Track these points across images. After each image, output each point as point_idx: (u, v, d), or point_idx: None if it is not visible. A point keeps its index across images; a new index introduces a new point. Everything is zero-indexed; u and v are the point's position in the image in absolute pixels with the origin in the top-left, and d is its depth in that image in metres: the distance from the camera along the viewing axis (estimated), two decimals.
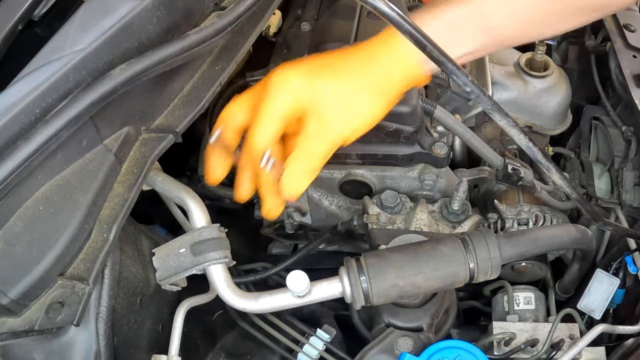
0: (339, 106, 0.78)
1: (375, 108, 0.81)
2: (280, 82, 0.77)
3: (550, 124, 1.44)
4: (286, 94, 0.77)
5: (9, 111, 0.62)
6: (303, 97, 0.77)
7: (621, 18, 1.38)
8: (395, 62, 0.79)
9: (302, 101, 0.77)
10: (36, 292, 0.69)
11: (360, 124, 0.81)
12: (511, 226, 1.22)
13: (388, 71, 0.79)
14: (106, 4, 0.73)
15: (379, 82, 0.80)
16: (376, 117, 0.82)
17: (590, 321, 1.11)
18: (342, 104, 0.78)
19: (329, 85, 0.77)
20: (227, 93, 1.21)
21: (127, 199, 0.77)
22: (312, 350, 1.05)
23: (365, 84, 0.79)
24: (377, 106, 0.81)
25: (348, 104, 0.78)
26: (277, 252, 1.49)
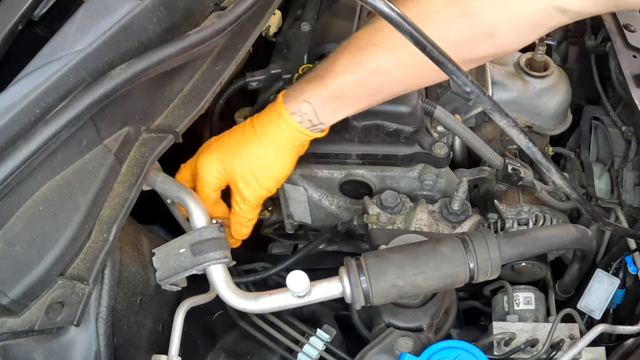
0: (251, 174, 0.97)
1: (282, 165, 0.98)
2: (203, 169, 0.98)
3: (550, 124, 1.44)
4: (209, 176, 0.98)
5: (9, 111, 0.62)
6: (223, 175, 0.98)
7: (621, 18, 1.38)
8: (287, 133, 0.95)
9: (223, 178, 0.98)
10: (36, 292, 0.69)
11: (274, 180, 0.99)
12: (511, 226, 1.22)
13: (282, 141, 0.96)
14: (106, 4, 0.73)
15: (278, 148, 0.96)
16: (286, 170, 1.00)
17: (590, 321, 1.11)
18: (253, 172, 0.97)
19: (239, 163, 0.96)
20: (227, 93, 1.21)
21: (127, 199, 0.77)
22: (312, 350, 1.05)
23: (265, 151, 0.96)
24: (284, 163, 0.98)
25: (258, 171, 0.97)
26: (277, 252, 1.49)
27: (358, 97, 0.93)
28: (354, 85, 0.91)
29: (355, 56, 0.89)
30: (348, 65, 0.90)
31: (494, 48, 0.89)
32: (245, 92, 1.22)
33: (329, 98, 0.92)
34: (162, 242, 0.93)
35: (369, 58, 0.89)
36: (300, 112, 0.93)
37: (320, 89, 0.92)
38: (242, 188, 0.98)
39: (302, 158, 1.15)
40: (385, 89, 0.94)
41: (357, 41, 0.91)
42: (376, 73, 0.90)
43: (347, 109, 0.95)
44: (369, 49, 0.89)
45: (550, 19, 0.84)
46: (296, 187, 1.23)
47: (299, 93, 0.93)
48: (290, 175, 1.20)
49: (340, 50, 0.92)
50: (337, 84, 0.91)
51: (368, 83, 0.91)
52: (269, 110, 0.97)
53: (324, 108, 0.93)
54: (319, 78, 0.92)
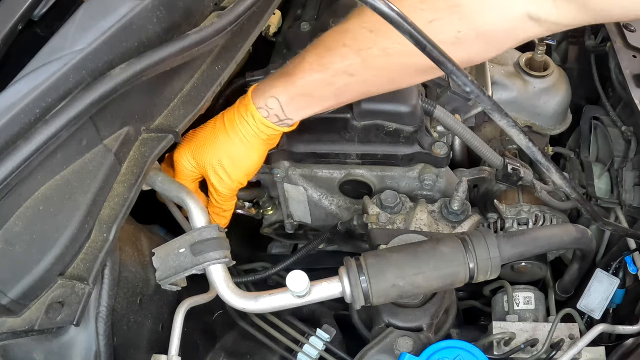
0: (221, 167, 0.99)
1: (251, 158, 1.01)
2: (177, 162, 1.01)
3: (550, 124, 1.44)
4: (184, 169, 1.01)
5: (9, 111, 0.62)
6: (195, 168, 1.01)
7: None
8: (254, 127, 0.97)
9: (196, 170, 1.01)
10: (36, 292, 0.69)
11: (244, 172, 1.02)
12: (511, 226, 1.22)
13: (250, 135, 0.98)
14: (106, 4, 0.73)
15: (246, 142, 0.98)
16: (255, 162, 1.02)
17: (590, 321, 1.11)
18: (222, 165, 0.99)
19: (209, 156, 0.99)
20: (227, 93, 1.21)
21: (127, 199, 0.77)
22: (312, 350, 1.05)
23: (234, 144, 0.98)
24: (252, 156, 1.01)
25: (227, 164, 0.99)
26: (277, 252, 1.49)
27: (325, 96, 0.95)
28: (321, 84, 0.92)
29: (325, 56, 0.90)
30: (316, 64, 0.91)
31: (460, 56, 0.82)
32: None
33: (296, 95, 0.93)
34: (162, 242, 0.93)
35: (337, 59, 0.90)
36: (267, 107, 0.95)
37: (289, 86, 0.93)
38: (213, 181, 1.01)
39: (302, 158, 1.15)
40: (352, 89, 0.95)
41: (327, 41, 0.91)
42: (343, 73, 0.90)
43: (315, 107, 0.97)
44: (337, 49, 0.89)
45: (524, 30, 0.82)
46: (296, 187, 1.23)
47: (267, 88, 0.95)
48: (290, 175, 1.20)
49: (310, 49, 0.93)
50: (304, 82, 0.92)
51: (335, 83, 0.92)
52: (238, 105, 0.99)
53: (291, 105, 0.94)
54: (287, 75, 0.94)
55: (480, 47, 0.87)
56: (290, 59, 1.18)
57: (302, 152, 1.15)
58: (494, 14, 0.81)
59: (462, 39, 0.84)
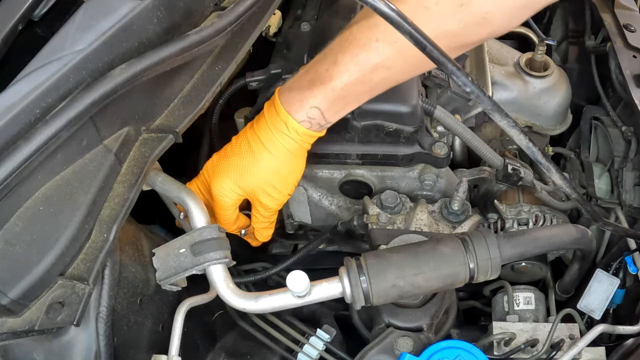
0: (272, 187, 0.99)
1: (299, 169, 1.01)
2: (222, 195, 0.99)
3: (550, 124, 1.44)
4: (229, 200, 0.99)
5: (9, 111, 0.62)
6: (242, 196, 1.00)
7: (621, 18, 1.38)
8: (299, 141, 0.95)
9: (240, 198, 1.00)
10: (36, 292, 0.69)
11: (294, 184, 1.02)
12: (511, 226, 1.22)
13: (295, 149, 0.96)
14: (106, 4, 0.73)
15: (293, 157, 0.97)
16: (302, 170, 1.02)
17: (590, 321, 1.11)
18: (273, 185, 0.99)
19: (258, 181, 0.97)
20: (227, 93, 1.21)
21: (127, 199, 0.77)
22: (312, 350, 1.05)
23: (280, 162, 0.96)
24: (300, 166, 1.01)
25: (278, 183, 0.99)
26: (277, 252, 1.49)
27: (362, 92, 0.94)
28: (359, 83, 0.91)
29: (359, 54, 0.89)
30: (352, 64, 0.89)
31: (487, 33, 0.89)
32: (245, 92, 1.22)
33: (335, 99, 0.92)
34: (162, 242, 0.93)
35: (373, 55, 0.88)
36: (309, 118, 0.93)
37: (328, 92, 0.91)
38: (264, 200, 1.00)
39: None
40: (387, 82, 0.94)
41: (357, 38, 0.89)
42: (380, 68, 0.89)
43: (352, 104, 0.96)
44: (371, 45, 0.88)
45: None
46: (296, 187, 1.23)
47: (305, 99, 0.92)
48: None
49: (338, 49, 0.91)
50: (342, 84, 0.90)
51: (373, 78, 0.91)
52: (273, 121, 0.95)
53: (330, 109, 0.93)
54: (322, 81, 0.91)
55: (504, 22, 0.88)
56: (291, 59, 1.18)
57: None
58: None
59: (489, 19, 0.85)
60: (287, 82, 0.97)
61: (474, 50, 1.37)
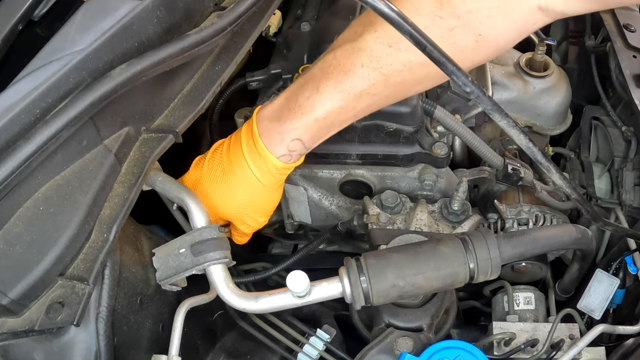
0: (247, 216, 0.98)
1: (275, 198, 1.00)
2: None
3: (550, 124, 1.44)
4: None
5: (9, 111, 0.62)
6: (217, 220, 0.98)
7: (621, 18, 1.38)
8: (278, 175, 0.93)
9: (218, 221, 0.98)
10: (36, 292, 0.69)
11: (271, 211, 1.01)
12: (511, 226, 1.22)
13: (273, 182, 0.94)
14: (106, 4, 0.73)
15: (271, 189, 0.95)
16: (277, 199, 1.00)
17: (590, 321, 1.11)
18: (249, 215, 0.98)
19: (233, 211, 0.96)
20: (227, 93, 1.21)
21: (127, 199, 0.77)
22: (312, 350, 1.05)
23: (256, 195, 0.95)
24: (277, 196, 1.00)
25: (254, 212, 0.97)
26: (277, 252, 1.49)
27: (345, 119, 0.90)
28: (342, 111, 0.87)
29: (342, 82, 0.84)
30: (335, 92, 0.85)
31: (479, 56, 0.88)
32: (245, 92, 1.22)
33: (318, 129, 0.88)
34: (162, 242, 0.93)
35: (357, 81, 0.84)
36: (289, 152, 0.89)
37: (311, 123, 0.87)
38: (240, 227, 1.00)
39: None
40: (372, 108, 0.91)
41: (340, 64, 0.85)
42: (365, 95, 0.86)
43: (334, 130, 0.92)
44: (355, 71, 0.84)
45: (534, 21, 0.83)
46: (296, 187, 1.23)
47: (284, 131, 0.88)
48: (290, 175, 1.20)
49: (321, 75, 0.86)
50: (325, 113, 0.86)
51: (357, 106, 0.87)
52: (250, 153, 0.91)
53: (312, 138, 0.90)
54: (303, 110, 0.87)
55: (498, 45, 0.86)
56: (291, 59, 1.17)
57: None
58: (510, 10, 0.81)
59: (481, 42, 0.83)
60: (266, 109, 0.91)
61: None
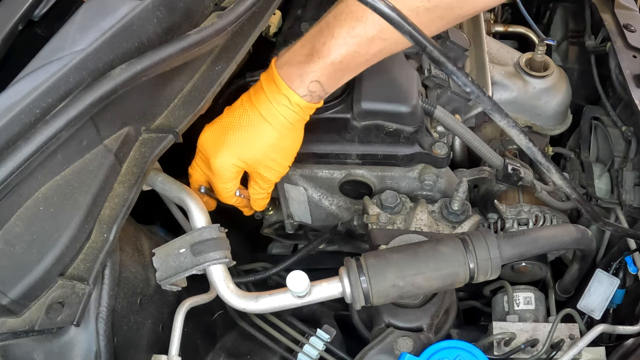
0: (272, 161, 1.00)
1: (299, 140, 1.01)
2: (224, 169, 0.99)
3: (550, 124, 1.44)
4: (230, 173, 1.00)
5: (9, 111, 0.62)
6: (242, 168, 1.00)
7: (621, 18, 1.38)
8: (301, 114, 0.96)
9: (241, 171, 1.01)
10: (36, 292, 0.69)
11: (294, 155, 1.03)
12: (511, 226, 1.22)
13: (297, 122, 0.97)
14: (106, 4, 0.73)
15: (294, 129, 0.98)
16: (300, 140, 1.02)
17: (590, 321, 1.11)
18: (274, 159, 0.99)
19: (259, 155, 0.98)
20: (227, 93, 1.21)
21: (127, 199, 0.77)
22: (312, 350, 1.05)
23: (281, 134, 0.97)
24: (299, 138, 1.01)
25: (279, 155, 1.00)
26: (277, 252, 1.49)
27: (359, 63, 0.95)
28: (357, 55, 0.92)
29: (356, 27, 0.89)
30: (349, 37, 0.90)
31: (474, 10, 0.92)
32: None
33: (334, 71, 0.93)
34: (162, 242, 0.93)
35: (370, 27, 0.89)
36: (310, 92, 0.94)
37: (327, 66, 0.92)
38: (264, 173, 1.01)
39: (302, 158, 1.15)
40: (384, 52, 0.95)
41: (353, 11, 0.90)
42: (377, 39, 0.90)
43: (349, 75, 0.97)
44: (367, 17, 0.88)
45: None
46: (296, 187, 1.23)
47: (304, 73, 0.93)
48: (290, 175, 1.20)
49: (335, 22, 0.91)
50: (341, 57, 0.91)
51: (370, 50, 0.92)
52: (274, 95, 0.95)
53: (329, 81, 0.94)
54: (320, 54, 0.92)
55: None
56: None
57: (302, 152, 1.14)
58: None
59: None
60: (284, 56, 0.96)
61: (474, 51, 1.37)
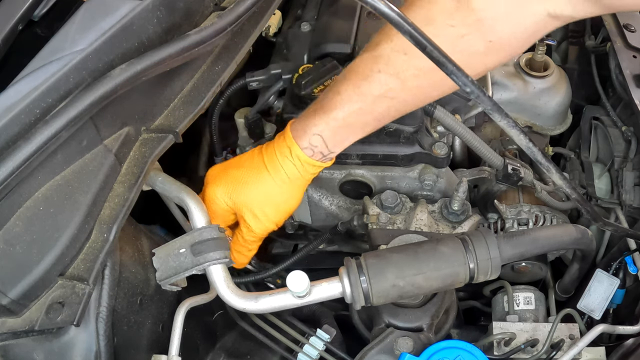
0: (260, 210, 0.97)
1: (293, 200, 1.00)
2: (212, 201, 0.98)
3: (550, 124, 1.44)
4: (218, 209, 0.98)
5: (9, 111, 0.62)
6: (231, 208, 0.98)
7: (621, 18, 1.38)
8: (300, 168, 0.95)
9: (231, 210, 0.98)
10: (36, 292, 0.69)
11: (285, 214, 1.01)
12: (511, 226, 1.22)
13: (295, 176, 0.96)
14: (106, 4, 0.73)
15: (291, 184, 0.97)
16: (297, 203, 1.01)
17: (590, 321, 1.11)
18: (262, 208, 0.97)
19: (248, 198, 0.96)
20: (227, 93, 1.21)
21: (127, 199, 0.77)
22: (312, 350, 1.05)
23: (276, 186, 0.96)
24: (295, 197, 1.00)
25: (268, 207, 0.97)
26: (277, 252, 1.49)
27: (366, 122, 0.95)
28: (362, 112, 0.92)
29: (361, 86, 0.90)
30: (354, 94, 0.91)
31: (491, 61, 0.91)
32: (245, 92, 1.22)
33: (338, 128, 0.93)
34: (162, 242, 0.93)
35: (375, 85, 0.89)
36: (311, 145, 0.94)
37: (330, 121, 0.92)
38: (250, 222, 0.98)
39: None
40: (392, 111, 0.95)
41: (360, 70, 0.91)
42: (383, 98, 0.91)
43: (356, 134, 0.96)
44: (373, 76, 0.89)
45: (545, 26, 0.86)
46: None
47: (308, 126, 0.94)
48: None
49: (342, 81, 0.93)
50: (344, 113, 0.92)
51: (375, 109, 0.92)
52: (278, 144, 0.96)
53: (333, 138, 0.94)
54: (324, 110, 0.93)
55: (509, 50, 0.89)
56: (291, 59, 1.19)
57: None
58: (519, 18, 0.85)
59: (492, 47, 0.86)
60: (299, 116, 0.98)
61: None
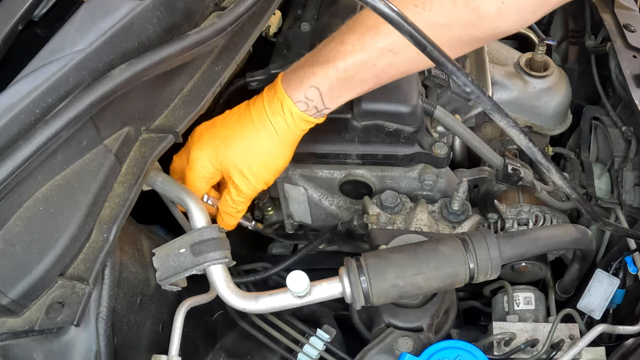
0: (248, 168, 0.93)
1: (282, 157, 0.95)
2: (196, 161, 0.94)
3: (550, 124, 1.44)
4: (202, 169, 0.94)
5: (9, 111, 0.62)
6: (216, 168, 0.94)
7: (621, 18, 1.38)
8: (291, 123, 0.91)
9: (216, 170, 0.95)
10: (36, 292, 0.69)
11: (273, 173, 0.96)
12: (511, 226, 1.22)
13: (284, 131, 0.91)
14: (106, 4, 0.73)
15: (280, 140, 0.92)
16: (286, 161, 0.96)
17: (590, 321, 1.11)
18: (249, 166, 0.93)
19: (234, 155, 0.92)
20: (227, 93, 1.21)
21: (127, 199, 0.77)
22: (312, 350, 1.05)
23: (264, 142, 0.92)
24: (284, 154, 0.95)
25: (256, 164, 0.93)
26: (277, 252, 1.49)
27: (366, 77, 0.89)
28: (364, 65, 0.87)
29: (365, 35, 0.85)
30: (358, 44, 0.85)
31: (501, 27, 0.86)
32: (245, 92, 1.22)
33: (337, 80, 0.88)
34: (162, 242, 0.93)
35: (381, 37, 0.85)
36: (306, 99, 0.88)
37: (330, 72, 0.87)
38: (237, 181, 0.94)
39: (302, 158, 1.15)
40: (393, 68, 0.89)
41: (365, 21, 0.86)
42: (387, 52, 0.85)
43: (354, 90, 0.91)
44: (379, 27, 0.84)
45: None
46: (296, 187, 1.23)
47: (305, 77, 0.88)
48: (290, 175, 1.20)
49: (346, 31, 0.87)
50: (346, 64, 0.86)
51: (378, 62, 0.87)
52: (267, 96, 0.91)
53: (331, 92, 0.89)
54: (325, 61, 0.87)
55: (518, 15, 0.85)
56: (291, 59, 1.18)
57: (302, 152, 1.15)
58: None
59: (504, 9, 0.82)
60: (292, 66, 0.93)
61: (474, 51, 1.37)
